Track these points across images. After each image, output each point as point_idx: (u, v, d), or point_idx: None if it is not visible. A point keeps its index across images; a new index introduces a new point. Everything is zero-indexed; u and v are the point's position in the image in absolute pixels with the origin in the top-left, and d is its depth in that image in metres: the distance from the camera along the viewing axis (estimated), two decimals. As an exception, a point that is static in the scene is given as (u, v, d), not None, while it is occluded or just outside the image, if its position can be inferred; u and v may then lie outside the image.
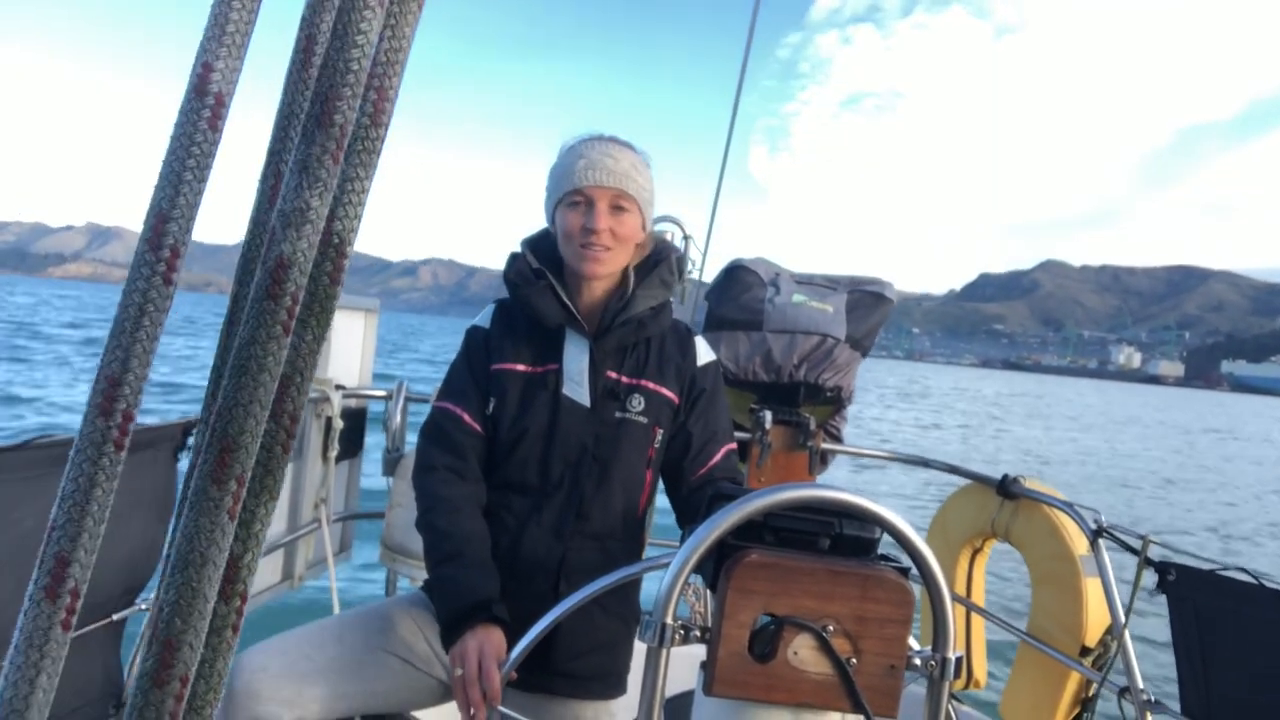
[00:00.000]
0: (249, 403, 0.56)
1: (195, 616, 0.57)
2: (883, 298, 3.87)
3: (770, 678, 1.19)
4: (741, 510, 1.20)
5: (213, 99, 0.56)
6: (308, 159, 0.56)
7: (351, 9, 0.59)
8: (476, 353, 2.19)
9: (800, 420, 3.72)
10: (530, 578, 2.06)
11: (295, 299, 0.58)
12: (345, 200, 0.59)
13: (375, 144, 0.59)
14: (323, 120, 0.56)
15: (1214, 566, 2.48)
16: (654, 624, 1.23)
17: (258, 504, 0.60)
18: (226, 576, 0.60)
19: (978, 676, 3.45)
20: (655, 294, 2.17)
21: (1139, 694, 2.62)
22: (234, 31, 0.56)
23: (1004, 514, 3.30)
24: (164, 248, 0.56)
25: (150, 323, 0.56)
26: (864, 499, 1.21)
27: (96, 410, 0.57)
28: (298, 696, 1.91)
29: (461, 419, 2.13)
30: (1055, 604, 3.03)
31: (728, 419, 2.29)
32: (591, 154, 2.08)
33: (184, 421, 2.68)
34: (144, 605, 2.53)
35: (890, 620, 1.21)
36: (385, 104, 0.59)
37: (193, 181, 0.56)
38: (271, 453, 0.60)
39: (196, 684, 0.60)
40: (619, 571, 1.92)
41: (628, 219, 2.10)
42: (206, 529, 0.57)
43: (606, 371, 2.14)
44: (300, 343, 0.60)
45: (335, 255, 0.60)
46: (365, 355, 3.86)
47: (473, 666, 1.81)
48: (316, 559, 3.70)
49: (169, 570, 0.57)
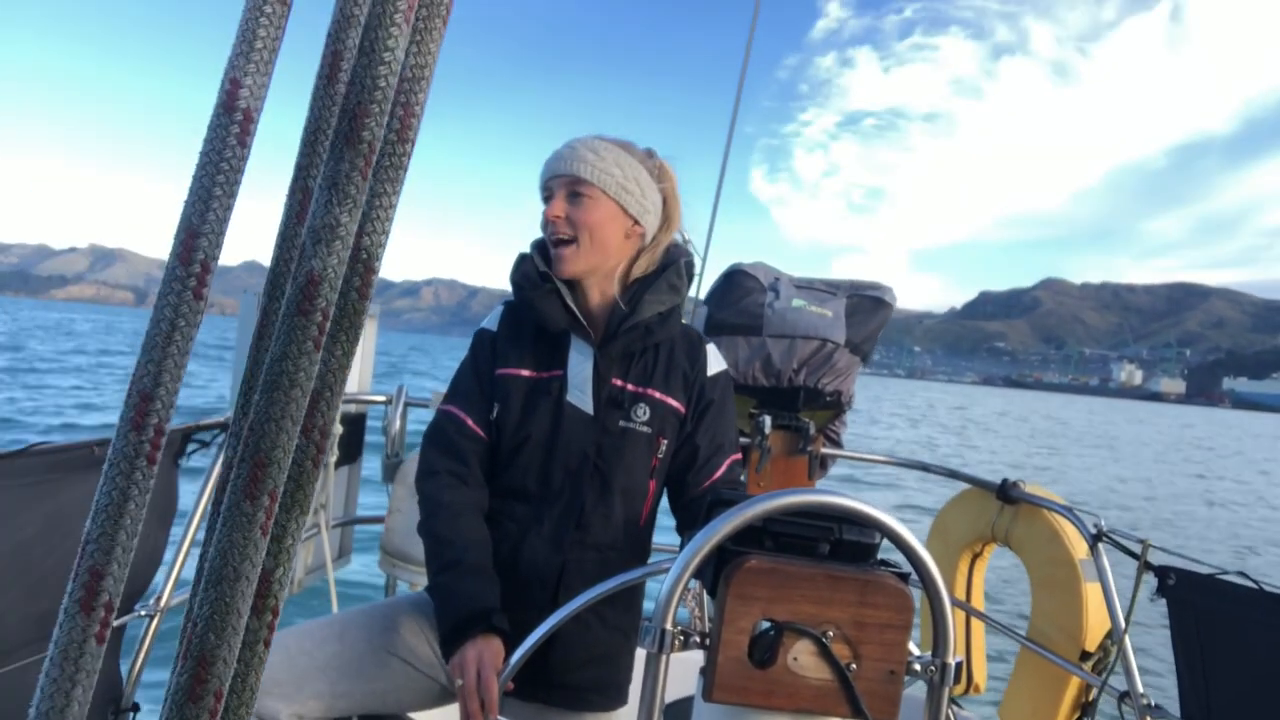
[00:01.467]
0: (281, 417, 0.57)
1: (229, 632, 0.57)
2: (882, 302, 3.87)
3: (770, 683, 1.20)
4: (741, 516, 1.20)
5: (241, 115, 0.56)
6: (337, 176, 0.56)
7: (378, 26, 0.59)
8: (483, 356, 2.16)
9: (800, 425, 3.72)
10: (529, 587, 2.04)
11: (326, 314, 0.58)
12: (373, 216, 0.59)
13: (402, 160, 0.60)
14: (351, 137, 0.56)
15: (1214, 571, 2.48)
16: (654, 629, 1.24)
17: (289, 519, 0.61)
18: (259, 591, 0.60)
19: (978, 681, 3.46)
20: (663, 299, 2.12)
21: (1139, 699, 2.61)
22: (262, 48, 0.56)
23: (1004, 518, 3.31)
24: (194, 263, 0.56)
25: (181, 337, 0.57)
26: (863, 504, 1.22)
27: (129, 424, 0.57)
28: (296, 692, 1.89)
29: (465, 423, 2.10)
30: (1055, 608, 3.03)
31: (735, 430, 2.26)
32: (558, 149, 2.07)
33: (185, 428, 2.68)
34: (142, 612, 2.52)
35: (890, 625, 1.22)
36: (412, 120, 0.60)
37: (222, 197, 0.57)
38: (302, 467, 0.60)
39: (229, 699, 0.60)
40: (617, 578, 1.92)
41: (590, 205, 2.04)
42: (240, 544, 0.57)
43: (612, 379, 2.10)
44: (330, 358, 0.61)
45: (364, 271, 0.60)
46: (365, 361, 3.87)
47: (471, 677, 1.80)
48: (316, 564, 3.69)
49: (202, 585, 0.58)
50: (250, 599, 0.58)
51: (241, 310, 3.31)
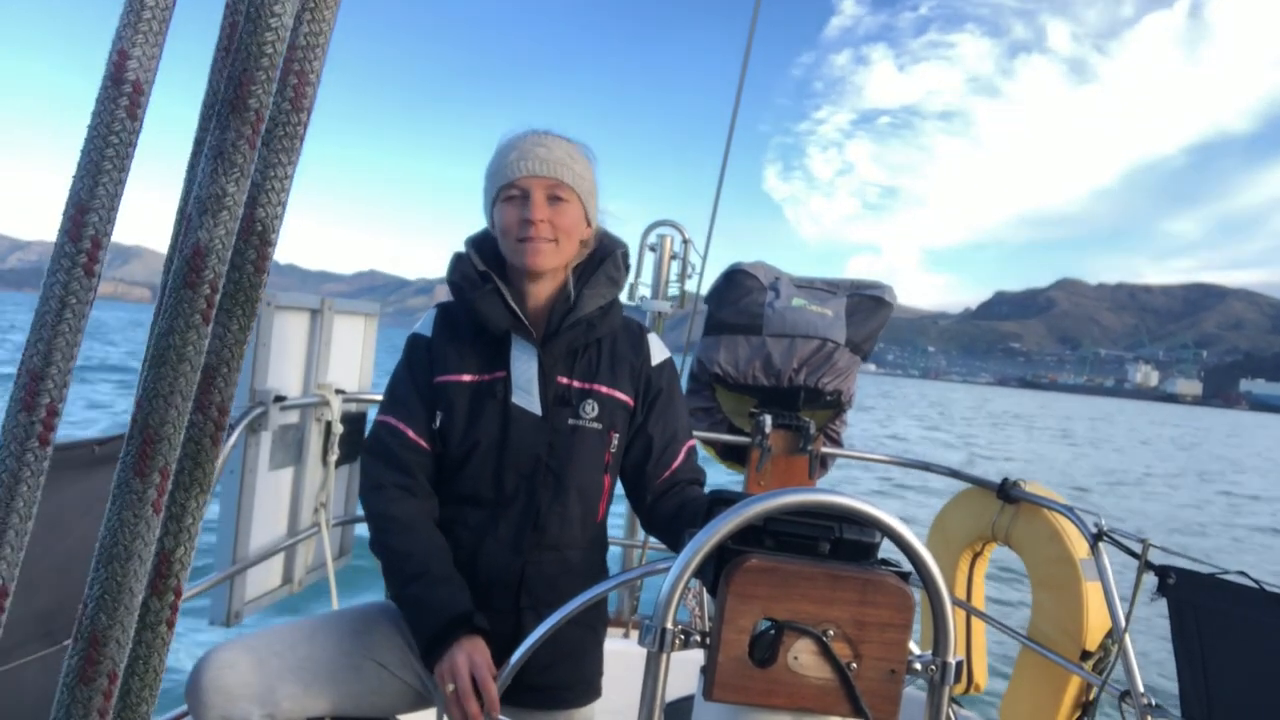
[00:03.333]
0: (169, 393, 0.55)
1: (122, 612, 0.56)
2: (882, 301, 3.86)
3: (770, 683, 1.19)
4: (742, 515, 1.20)
5: (130, 87, 0.55)
6: (223, 145, 0.55)
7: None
8: (419, 363, 2.11)
9: (800, 424, 3.71)
10: (490, 593, 2.01)
11: (214, 287, 0.57)
12: (267, 188, 0.58)
13: (298, 129, 0.58)
14: (236, 105, 0.55)
15: (1214, 570, 2.46)
16: (654, 629, 1.23)
17: (188, 497, 0.59)
18: (158, 571, 0.59)
19: (978, 681, 3.43)
20: (603, 293, 2.09)
21: (1139, 698, 2.59)
22: (150, 18, 0.55)
23: (1004, 518, 3.28)
24: (84, 239, 0.55)
25: (73, 315, 0.56)
26: (864, 503, 1.22)
27: (19, 405, 0.56)
28: (269, 694, 1.87)
29: (405, 435, 2.05)
30: (1055, 608, 3.01)
31: (686, 416, 2.23)
32: (524, 145, 2.02)
33: None
34: None
35: (890, 625, 1.22)
36: (306, 88, 0.58)
37: (112, 171, 0.55)
38: (200, 445, 0.59)
39: (130, 680, 0.59)
40: (619, 577, 1.91)
41: (567, 210, 2.03)
42: (130, 522, 0.56)
43: (557, 378, 2.07)
44: (225, 332, 0.59)
45: (259, 243, 0.59)
46: (365, 359, 3.86)
47: (465, 680, 1.78)
48: (316, 564, 3.69)
49: (94, 565, 0.56)
50: (145, 578, 0.57)
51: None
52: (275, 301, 3.04)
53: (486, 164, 2.10)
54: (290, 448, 3.29)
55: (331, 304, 3.45)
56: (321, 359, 3.38)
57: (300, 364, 3.31)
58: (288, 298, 3.16)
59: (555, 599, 1.84)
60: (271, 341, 3.00)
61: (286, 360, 3.17)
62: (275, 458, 3.16)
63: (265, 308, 2.99)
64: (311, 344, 3.35)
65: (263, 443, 3.04)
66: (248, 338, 0.60)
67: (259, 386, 2.95)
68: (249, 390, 2.94)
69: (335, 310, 3.46)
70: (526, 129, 2.08)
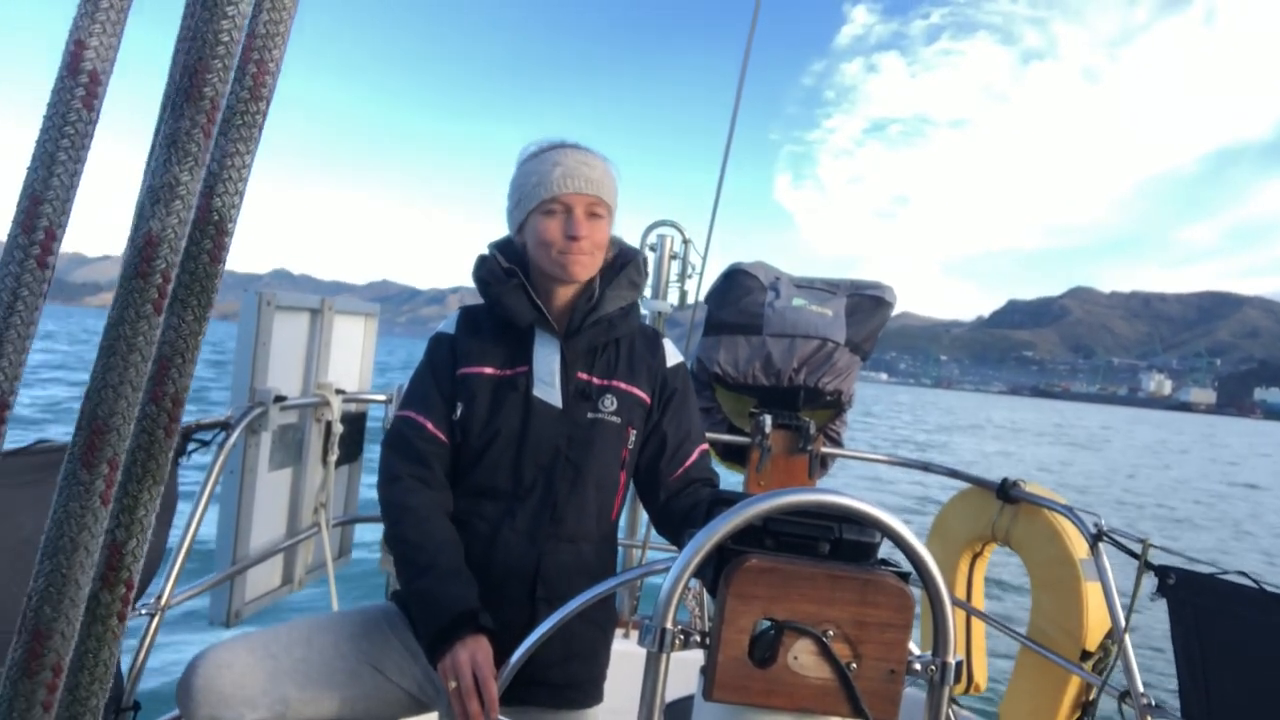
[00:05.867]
0: (119, 384, 0.55)
1: (67, 604, 0.55)
2: (882, 301, 3.85)
3: (770, 683, 1.19)
4: (741, 515, 1.20)
5: (87, 77, 0.55)
6: (176, 133, 0.54)
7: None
8: (441, 359, 2.16)
9: (800, 424, 3.70)
10: (505, 584, 2.02)
11: (166, 277, 0.56)
12: (224, 177, 0.58)
13: (256, 119, 0.58)
14: (191, 94, 0.55)
15: (1214, 570, 2.45)
16: (654, 629, 1.23)
17: (140, 489, 0.59)
18: (108, 564, 0.58)
19: (978, 681, 3.42)
20: (624, 295, 2.17)
21: (1139, 698, 2.58)
22: (109, 7, 0.55)
23: (1004, 518, 3.27)
24: (38, 230, 0.55)
25: (25, 307, 0.55)
26: (864, 503, 1.21)
27: None
28: (262, 696, 1.87)
29: (424, 427, 2.09)
30: (1055, 608, 2.99)
31: (699, 420, 2.29)
32: (567, 161, 2.07)
33: (185, 427, 2.67)
34: (144, 610, 2.52)
35: (890, 625, 1.21)
36: (265, 78, 0.58)
37: (67, 163, 0.55)
38: (153, 436, 0.58)
39: (78, 674, 0.58)
40: (619, 576, 1.90)
41: (602, 225, 2.11)
42: (77, 514, 0.55)
43: (578, 373, 2.12)
44: (180, 323, 0.58)
45: (215, 233, 0.58)
46: (365, 360, 3.87)
47: (468, 678, 1.78)
48: (316, 563, 3.69)
49: (39, 557, 0.56)
50: (93, 570, 0.56)
51: (243, 308, 3.33)
52: (275, 301, 3.04)
53: (514, 174, 2.15)
54: (290, 448, 3.29)
55: (331, 304, 3.46)
56: (321, 359, 3.38)
57: (300, 364, 3.31)
58: (288, 298, 3.16)
59: (569, 592, 1.85)
60: (271, 341, 3.00)
61: (286, 360, 3.17)
62: (275, 458, 3.16)
63: (265, 308, 2.99)
64: (311, 344, 3.35)
65: (262, 443, 3.04)
66: (203, 328, 0.60)
67: (259, 386, 2.96)
68: (249, 390, 2.94)
69: (335, 310, 3.47)
70: (555, 140, 2.15)
